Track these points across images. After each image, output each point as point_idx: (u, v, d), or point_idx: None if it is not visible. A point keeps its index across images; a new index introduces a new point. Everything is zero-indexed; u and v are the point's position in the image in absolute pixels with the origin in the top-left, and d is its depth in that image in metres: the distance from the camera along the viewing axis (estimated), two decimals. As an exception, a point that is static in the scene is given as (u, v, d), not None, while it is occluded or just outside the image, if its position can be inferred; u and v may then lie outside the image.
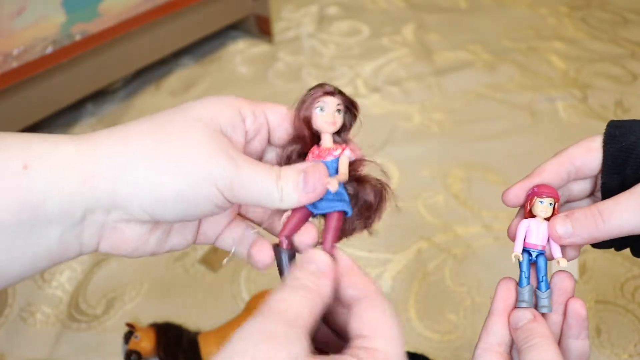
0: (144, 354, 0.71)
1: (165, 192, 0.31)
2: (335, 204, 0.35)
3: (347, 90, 1.25)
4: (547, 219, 0.37)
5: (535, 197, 0.37)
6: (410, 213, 0.93)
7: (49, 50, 0.98)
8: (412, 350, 0.74)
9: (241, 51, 1.38)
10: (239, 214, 0.40)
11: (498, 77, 1.27)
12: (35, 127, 1.12)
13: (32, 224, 0.29)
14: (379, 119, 1.16)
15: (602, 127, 0.41)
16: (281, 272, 0.35)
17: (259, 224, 0.39)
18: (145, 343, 0.71)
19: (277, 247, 0.35)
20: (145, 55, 1.20)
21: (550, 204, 0.37)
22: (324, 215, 0.35)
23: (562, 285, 0.38)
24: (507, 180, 0.99)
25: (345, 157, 0.36)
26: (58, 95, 1.06)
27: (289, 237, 0.35)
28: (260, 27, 1.40)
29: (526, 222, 0.38)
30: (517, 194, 0.40)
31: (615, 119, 1.25)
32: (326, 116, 0.36)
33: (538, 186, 0.38)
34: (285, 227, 0.35)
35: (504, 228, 0.97)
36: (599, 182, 0.39)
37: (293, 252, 0.35)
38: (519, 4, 1.57)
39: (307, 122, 0.36)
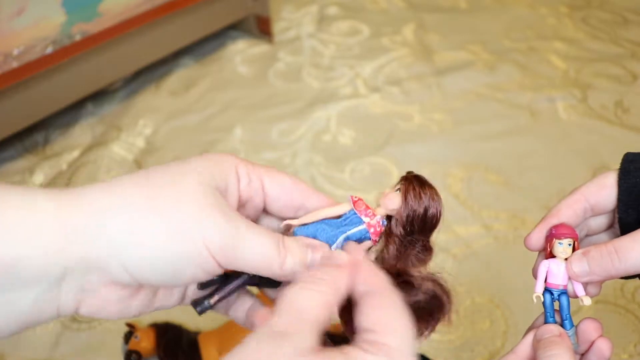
0: (144, 354, 0.71)
1: (151, 252, 0.28)
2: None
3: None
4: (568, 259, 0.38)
5: (554, 239, 0.38)
6: (410, 213, 0.93)
7: (49, 50, 0.98)
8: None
9: (241, 51, 1.38)
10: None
11: (498, 77, 1.27)
12: (36, 127, 1.12)
13: (3, 286, 0.27)
14: (379, 119, 1.16)
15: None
16: None
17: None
18: (145, 343, 0.71)
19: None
20: (145, 55, 1.20)
21: (569, 244, 0.38)
22: None
23: (588, 327, 0.38)
24: (507, 180, 0.99)
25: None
26: (58, 95, 1.06)
27: None
28: (260, 27, 1.40)
29: (546, 263, 0.38)
30: (539, 237, 0.39)
31: (615, 119, 1.25)
32: None
33: (556, 227, 0.38)
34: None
35: (504, 228, 0.97)
36: (617, 216, 0.39)
37: None
38: (519, 4, 1.57)
39: None
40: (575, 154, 1.04)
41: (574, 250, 0.38)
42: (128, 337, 0.72)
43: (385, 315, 0.28)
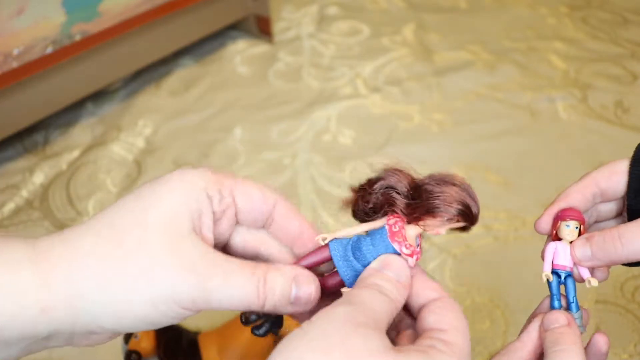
0: (144, 354, 0.71)
1: (127, 317, 0.29)
2: (348, 272, 0.33)
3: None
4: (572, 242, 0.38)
5: (560, 222, 0.38)
6: (410, 213, 0.93)
7: (49, 50, 0.98)
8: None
9: (241, 51, 1.38)
10: None
11: (498, 77, 1.27)
12: (36, 127, 1.12)
13: None
14: (379, 119, 1.16)
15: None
16: None
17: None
18: (145, 343, 0.71)
19: None
20: (145, 55, 1.20)
21: (576, 227, 0.38)
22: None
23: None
24: (507, 181, 0.99)
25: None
26: (58, 95, 1.06)
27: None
28: (260, 27, 1.40)
29: (553, 245, 0.38)
30: (547, 220, 0.40)
31: (615, 119, 1.25)
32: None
33: (563, 210, 0.39)
34: (305, 259, 0.34)
35: (504, 228, 0.98)
36: (626, 203, 0.39)
37: None
38: (519, 4, 1.57)
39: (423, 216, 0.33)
40: (575, 154, 1.04)
41: (580, 234, 0.38)
42: (128, 337, 0.72)
43: (454, 317, 0.31)
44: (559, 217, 0.38)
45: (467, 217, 0.33)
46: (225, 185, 0.33)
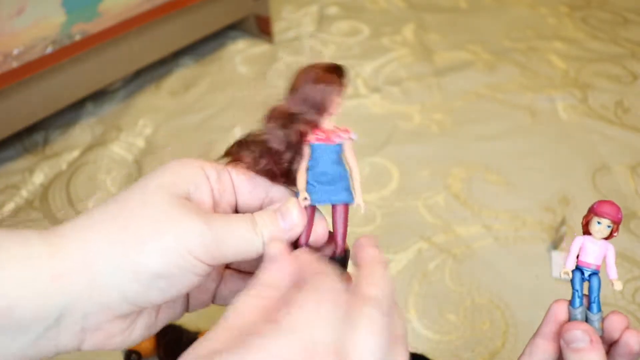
0: (144, 354, 0.71)
1: (143, 273, 0.29)
2: (338, 194, 0.34)
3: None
4: (606, 238, 0.36)
5: (593, 216, 0.36)
6: (410, 213, 0.93)
7: (49, 50, 0.98)
8: (411, 350, 0.74)
9: (241, 51, 1.38)
10: (228, 268, 0.39)
11: (498, 77, 1.27)
12: (36, 127, 1.12)
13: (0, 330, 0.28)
14: (379, 119, 1.16)
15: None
16: None
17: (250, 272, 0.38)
18: (145, 343, 0.71)
19: None
20: (145, 55, 1.20)
21: (609, 226, 0.36)
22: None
23: (612, 322, 0.36)
24: (507, 181, 0.99)
25: (351, 142, 0.34)
26: (58, 95, 1.06)
27: (308, 243, 0.34)
28: (260, 27, 1.40)
29: (580, 239, 0.36)
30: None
31: (615, 119, 1.25)
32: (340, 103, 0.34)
33: (600, 203, 0.36)
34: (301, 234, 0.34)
35: (504, 228, 0.97)
36: None
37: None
38: (519, 4, 1.57)
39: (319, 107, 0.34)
40: (575, 154, 1.04)
41: (612, 232, 0.36)
42: (128, 337, 0.72)
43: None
44: (594, 210, 0.36)
45: (335, 76, 0.34)
46: (222, 168, 0.34)
